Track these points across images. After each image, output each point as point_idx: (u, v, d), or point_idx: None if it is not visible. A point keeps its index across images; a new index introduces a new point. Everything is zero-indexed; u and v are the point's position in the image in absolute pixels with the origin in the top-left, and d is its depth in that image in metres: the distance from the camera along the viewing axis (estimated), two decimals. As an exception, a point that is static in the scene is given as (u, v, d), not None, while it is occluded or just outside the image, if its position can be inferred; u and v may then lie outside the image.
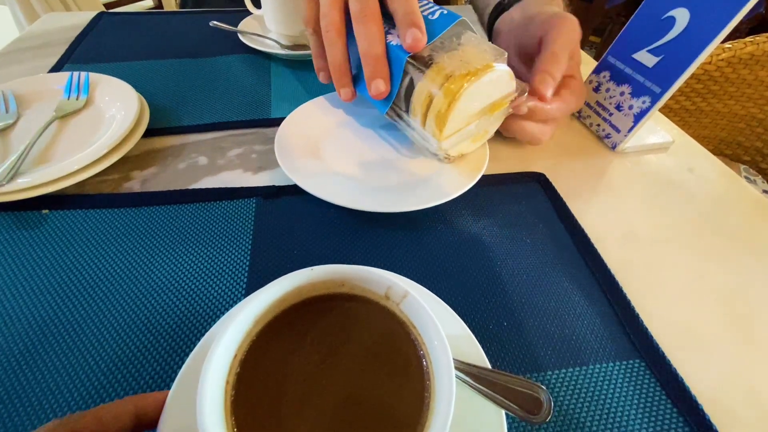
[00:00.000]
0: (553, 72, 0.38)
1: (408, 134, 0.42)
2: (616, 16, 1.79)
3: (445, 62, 0.34)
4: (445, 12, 0.35)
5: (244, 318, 0.20)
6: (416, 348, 0.21)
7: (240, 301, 0.31)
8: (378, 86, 0.35)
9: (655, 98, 0.41)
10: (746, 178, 0.84)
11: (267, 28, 0.62)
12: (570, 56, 0.41)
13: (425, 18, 0.35)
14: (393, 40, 0.35)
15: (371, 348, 0.21)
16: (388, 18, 0.36)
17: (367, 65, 0.35)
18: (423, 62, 0.34)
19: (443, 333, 0.19)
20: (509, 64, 0.36)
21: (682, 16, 0.39)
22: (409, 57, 0.34)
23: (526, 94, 0.38)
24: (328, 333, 0.22)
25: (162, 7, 1.20)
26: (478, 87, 0.33)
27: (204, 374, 0.18)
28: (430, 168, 0.41)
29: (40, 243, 0.34)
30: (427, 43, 0.34)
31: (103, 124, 0.44)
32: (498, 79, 0.35)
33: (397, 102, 0.38)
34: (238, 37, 0.61)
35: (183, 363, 0.22)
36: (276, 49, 0.59)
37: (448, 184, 0.38)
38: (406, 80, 0.36)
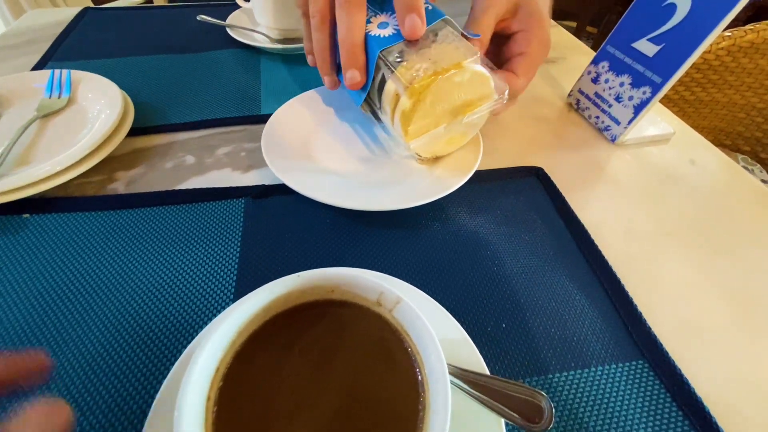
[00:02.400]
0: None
1: (378, 133, 0.40)
2: (614, 5, 1.77)
3: (414, 60, 0.32)
4: (430, 8, 0.34)
5: (226, 329, 0.19)
6: (410, 357, 0.20)
7: (229, 305, 0.30)
8: (353, 76, 0.34)
9: (655, 88, 0.40)
10: (744, 167, 0.83)
11: (256, 21, 0.60)
12: (512, 11, 0.40)
13: None
14: (372, 30, 0.34)
15: (363, 358, 0.20)
16: (378, 5, 0.35)
17: (343, 54, 0.34)
18: (393, 59, 0.33)
19: (438, 342, 0.18)
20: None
21: (683, 3, 0.38)
22: (380, 52, 0.33)
23: (506, 94, 0.36)
24: (317, 342, 0.20)
25: (152, 1, 1.17)
26: (444, 87, 0.32)
27: (183, 391, 0.17)
28: (422, 165, 0.40)
29: (21, 249, 0.33)
30: None
31: (86, 124, 0.43)
32: (469, 80, 0.33)
33: (372, 96, 0.36)
34: (226, 31, 0.60)
35: (168, 372, 0.21)
36: (265, 44, 0.57)
37: (442, 181, 0.36)
38: (379, 76, 0.34)
